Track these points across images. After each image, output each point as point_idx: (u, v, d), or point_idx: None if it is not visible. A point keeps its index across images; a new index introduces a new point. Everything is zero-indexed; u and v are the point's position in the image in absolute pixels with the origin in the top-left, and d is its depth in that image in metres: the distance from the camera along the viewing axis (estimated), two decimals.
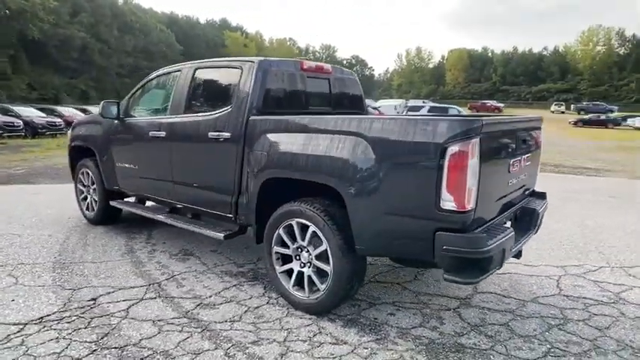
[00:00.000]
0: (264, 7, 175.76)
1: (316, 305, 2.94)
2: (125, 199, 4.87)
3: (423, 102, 32.92)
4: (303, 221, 2.92)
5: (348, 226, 2.74)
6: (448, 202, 2.32)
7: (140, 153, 4.30)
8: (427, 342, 2.70)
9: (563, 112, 53.89)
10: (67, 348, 2.55)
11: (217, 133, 3.44)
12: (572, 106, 56.84)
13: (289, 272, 3.12)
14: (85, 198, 5.20)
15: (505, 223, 2.90)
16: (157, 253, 4.23)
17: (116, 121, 4.50)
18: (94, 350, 2.53)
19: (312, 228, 2.88)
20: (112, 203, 4.78)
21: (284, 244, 3.11)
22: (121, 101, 4.54)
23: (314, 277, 2.95)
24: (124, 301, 3.18)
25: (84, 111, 22.55)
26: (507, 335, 2.80)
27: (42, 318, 2.89)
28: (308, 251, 2.97)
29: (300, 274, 3.03)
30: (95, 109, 22.41)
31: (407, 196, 2.47)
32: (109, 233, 4.80)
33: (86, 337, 2.68)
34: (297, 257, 3.06)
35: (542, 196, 3.54)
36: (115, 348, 2.56)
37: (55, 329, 2.76)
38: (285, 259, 3.16)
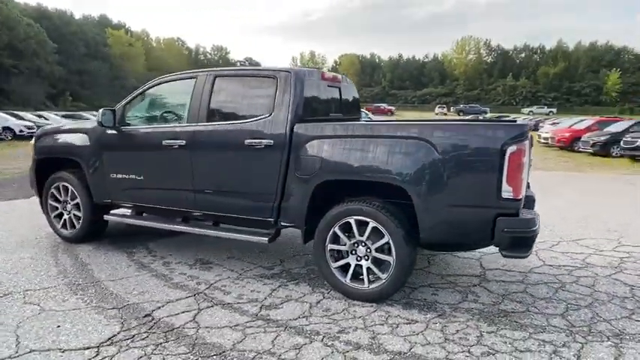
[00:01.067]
0: (147, 4, 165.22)
1: (378, 293, 3.24)
2: (120, 212, 4.60)
3: None
4: (363, 218, 3.21)
5: (408, 220, 3.10)
6: (507, 192, 2.82)
7: (147, 163, 4.14)
8: (478, 312, 3.18)
9: (445, 114, 60.27)
10: None
11: (256, 141, 3.54)
12: (452, 108, 63.84)
13: (344, 267, 3.37)
14: (61, 215, 4.76)
15: None
16: (173, 264, 4.12)
17: (110, 130, 4.26)
18: None
19: (372, 224, 3.18)
20: (108, 217, 4.47)
21: (338, 241, 3.36)
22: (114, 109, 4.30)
23: (374, 268, 3.25)
24: (182, 313, 3.13)
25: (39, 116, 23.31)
26: (531, 299, 3.41)
27: (111, 339, 2.76)
28: (365, 245, 3.26)
29: (358, 267, 3.31)
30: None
31: (470, 189, 2.92)
32: (99, 250, 4.49)
33: (175, 350, 2.65)
34: (353, 252, 3.33)
35: (528, 185, 4.28)
36: (215, 355, 2.59)
37: (136, 347, 2.67)
38: (338, 254, 3.40)
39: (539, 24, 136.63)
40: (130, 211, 4.56)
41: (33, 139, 4.99)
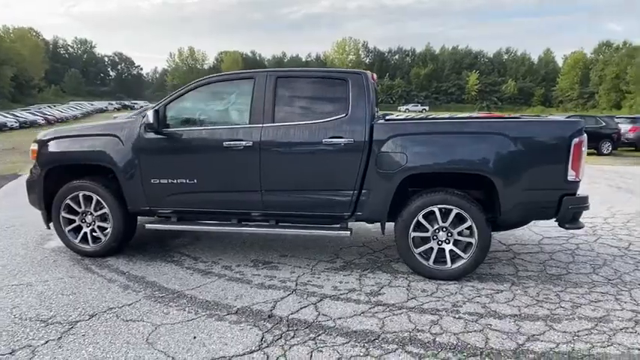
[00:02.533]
0: None
1: (461, 271, 3.70)
2: (160, 220, 4.31)
3: None
4: (447, 206, 3.63)
5: (486, 204, 3.62)
6: (571, 176, 3.50)
7: (203, 165, 3.98)
8: (537, 278, 3.83)
9: None
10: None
11: (336, 139, 3.71)
12: None
13: (425, 251, 3.75)
14: (78, 228, 4.26)
15: None
16: (235, 267, 4.04)
17: (149, 133, 3.98)
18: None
19: (455, 210, 3.62)
20: (152, 226, 4.15)
21: (421, 229, 3.73)
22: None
23: (456, 250, 3.70)
24: (301, 309, 3.21)
25: None
26: (563, 264, 4.19)
27: (262, 341, 2.75)
28: (446, 230, 3.69)
29: (441, 250, 3.72)
30: None
31: (542, 175, 3.54)
32: (138, 262, 4.16)
33: (335, 340, 2.77)
34: (434, 237, 3.73)
35: None
36: (376, 340, 2.79)
37: (297, 344, 2.72)
38: (420, 241, 3.77)
39: (406, 28, 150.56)
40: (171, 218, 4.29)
41: (34, 146, 4.34)
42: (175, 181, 4.02)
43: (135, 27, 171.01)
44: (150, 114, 3.84)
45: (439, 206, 3.65)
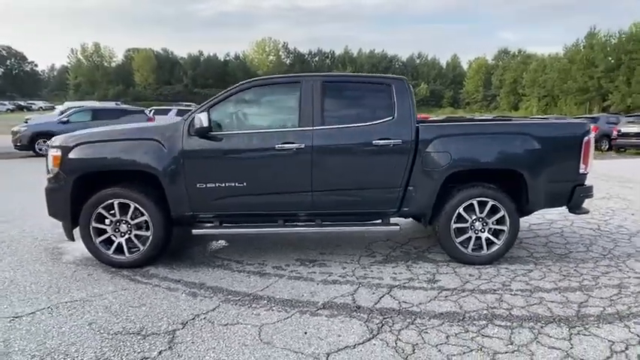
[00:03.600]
0: None
1: (495, 256, 4.20)
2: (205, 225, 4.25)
3: (117, 104, 32.23)
4: (484, 199, 4.10)
5: (514, 195, 4.15)
6: (582, 169, 4.16)
7: (253, 168, 4.02)
8: (548, 258, 4.46)
9: None
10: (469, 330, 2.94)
11: (385, 141, 4.00)
12: None
13: (464, 240, 4.19)
14: (111, 239, 4.06)
15: None
16: (285, 267, 4.15)
17: (196, 137, 3.95)
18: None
19: (490, 202, 4.11)
20: (199, 231, 4.08)
21: (461, 220, 4.15)
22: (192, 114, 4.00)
23: (492, 237, 4.19)
24: (382, 298, 3.45)
25: None
26: (562, 244, 4.89)
27: (371, 333, 2.96)
28: (482, 220, 4.16)
29: (478, 238, 4.18)
30: None
31: (560, 168, 4.15)
32: (181, 271, 4.08)
33: (436, 325, 3.06)
34: (472, 227, 4.18)
35: None
36: (466, 319, 3.14)
37: (413, 330, 2.97)
38: (459, 231, 4.20)
39: (321, 30, 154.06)
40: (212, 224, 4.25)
41: (56, 152, 4.02)
42: (224, 184, 4.02)
43: (26, 17, 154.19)
44: (202, 117, 3.81)
45: (478, 199, 4.11)
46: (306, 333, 2.92)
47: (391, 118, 4.07)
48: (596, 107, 48.75)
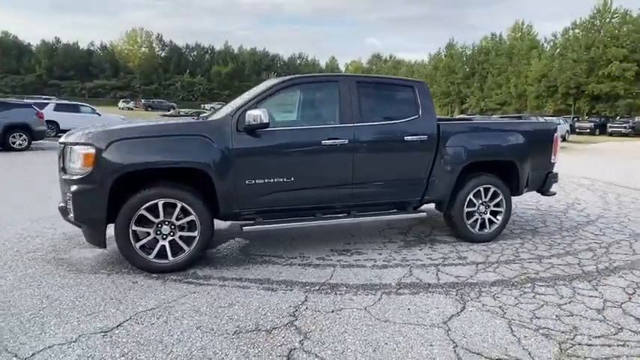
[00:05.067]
0: None
1: (495, 234, 4.98)
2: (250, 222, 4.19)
3: None
4: (488, 186, 4.85)
5: (509, 181, 4.99)
6: (553, 159, 5.18)
7: (301, 163, 4.13)
8: (529, 234, 5.43)
9: (131, 109, 58.54)
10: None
11: (415, 137, 4.48)
12: (141, 102, 62.35)
13: (474, 222, 4.89)
14: (153, 241, 3.79)
15: None
16: (326, 257, 4.33)
17: (244, 133, 3.93)
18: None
19: (492, 188, 4.88)
20: (249, 228, 4.01)
21: (469, 205, 4.84)
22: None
23: (493, 218, 4.96)
24: (441, 275, 3.91)
25: None
26: (558, 225, 5.93)
27: (463, 303, 3.41)
28: (485, 204, 4.91)
29: (483, 220, 4.92)
30: None
31: (539, 159, 5.10)
32: (231, 269, 3.99)
33: (505, 299, 3.64)
34: (478, 210, 4.90)
35: None
36: (514, 277, 3.77)
37: (484, 297, 3.48)
38: (468, 215, 4.88)
39: (196, 23, 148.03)
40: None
41: (86, 149, 3.58)
42: (272, 180, 4.06)
43: None
44: (259, 114, 3.80)
45: (484, 186, 4.84)
46: (409, 309, 3.24)
47: (417, 116, 4.55)
48: (457, 109, 56.37)
